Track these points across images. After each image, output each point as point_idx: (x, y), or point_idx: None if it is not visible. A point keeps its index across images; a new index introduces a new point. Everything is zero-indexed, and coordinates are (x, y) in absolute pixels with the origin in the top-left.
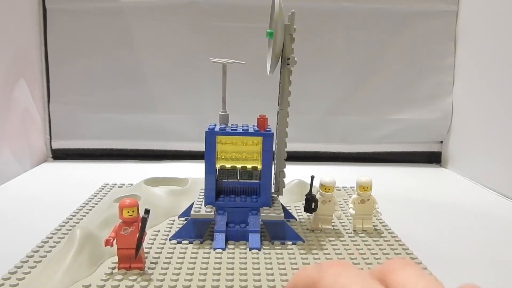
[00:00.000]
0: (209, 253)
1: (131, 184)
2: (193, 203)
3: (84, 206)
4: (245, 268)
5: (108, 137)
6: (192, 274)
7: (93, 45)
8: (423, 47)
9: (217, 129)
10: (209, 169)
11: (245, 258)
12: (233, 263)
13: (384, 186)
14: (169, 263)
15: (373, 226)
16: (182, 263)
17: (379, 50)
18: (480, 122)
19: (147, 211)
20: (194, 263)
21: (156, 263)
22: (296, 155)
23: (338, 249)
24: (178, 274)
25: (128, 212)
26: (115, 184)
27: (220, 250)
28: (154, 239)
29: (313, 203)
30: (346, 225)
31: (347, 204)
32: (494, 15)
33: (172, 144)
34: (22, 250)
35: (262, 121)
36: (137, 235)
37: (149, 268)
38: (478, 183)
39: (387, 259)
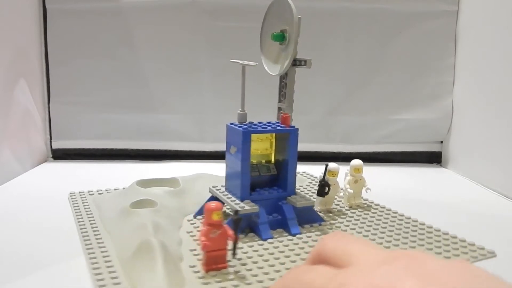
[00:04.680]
0: (263, 244)
1: (98, 192)
2: (207, 201)
3: (81, 220)
4: (307, 252)
5: (108, 137)
6: (274, 265)
7: (93, 45)
8: (423, 47)
9: (249, 128)
10: (245, 167)
11: (297, 243)
12: (293, 249)
13: (384, 186)
14: (240, 259)
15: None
16: (252, 257)
17: (379, 50)
18: (480, 122)
19: (236, 212)
20: (262, 255)
21: (229, 260)
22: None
23: (356, 223)
24: (262, 267)
25: (218, 215)
26: (83, 192)
27: (271, 240)
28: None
29: (327, 188)
30: (338, 204)
31: (343, 186)
32: (494, 15)
33: (172, 144)
34: (23, 251)
35: (285, 118)
36: (232, 235)
37: (229, 267)
38: (478, 183)
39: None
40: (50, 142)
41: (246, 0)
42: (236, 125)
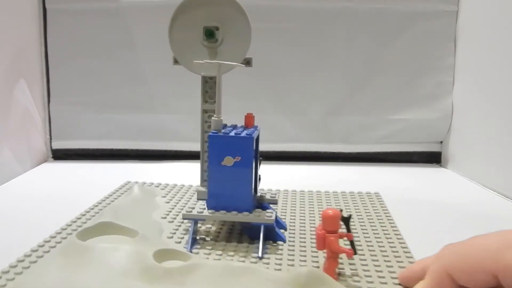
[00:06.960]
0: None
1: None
2: (193, 229)
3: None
4: None
5: (108, 137)
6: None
7: (93, 45)
8: (423, 47)
9: (247, 133)
10: (252, 175)
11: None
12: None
13: (384, 186)
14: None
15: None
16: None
17: (379, 50)
18: (480, 122)
19: (341, 211)
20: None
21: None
22: (296, 155)
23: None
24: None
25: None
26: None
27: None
28: (243, 261)
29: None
30: None
31: None
32: (494, 15)
33: (172, 144)
34: (23, 251)
35: (250, 118)
36: (349, 235)
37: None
38: (478, 183)
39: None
40: (50, 142)
41: (246, 0)
42: (223, 134)
